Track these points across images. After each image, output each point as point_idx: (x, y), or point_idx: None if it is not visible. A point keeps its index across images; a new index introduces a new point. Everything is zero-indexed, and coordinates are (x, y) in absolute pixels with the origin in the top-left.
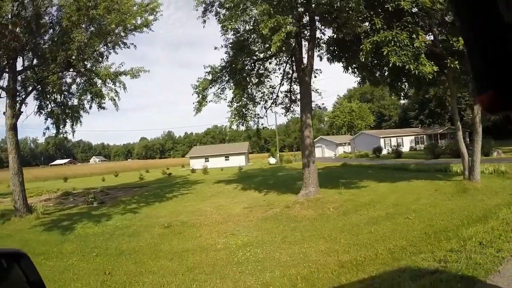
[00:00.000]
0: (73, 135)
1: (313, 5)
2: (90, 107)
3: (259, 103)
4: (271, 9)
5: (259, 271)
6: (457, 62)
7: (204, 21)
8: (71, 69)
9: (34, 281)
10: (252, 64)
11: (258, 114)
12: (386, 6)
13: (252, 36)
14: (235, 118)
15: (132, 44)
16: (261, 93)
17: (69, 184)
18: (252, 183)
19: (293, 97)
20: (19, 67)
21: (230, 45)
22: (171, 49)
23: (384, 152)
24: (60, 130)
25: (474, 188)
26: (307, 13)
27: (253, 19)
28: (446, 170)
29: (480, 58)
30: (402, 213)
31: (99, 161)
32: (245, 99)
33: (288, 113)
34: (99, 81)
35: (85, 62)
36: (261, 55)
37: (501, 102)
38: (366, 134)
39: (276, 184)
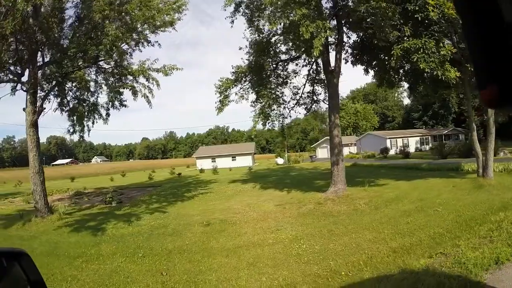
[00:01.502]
0: (88, 134)
1: (341, 12)
2: (113, 105)
3: (283, 104)
4: (311, 13)
5: (321, 261)
6: None
7: (232, 21)
8: (100, 65)
9: (35, 280)
10: (274, 65)
11: (282, 114)
12: (416, 15)
13: (276, 37)
14: (259, 117)
15: (157, 42)
16: (280, 93)
17: (76, 184)
18: (268, 182)
19: (315, 98)
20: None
21: (254, 46)
22: (172, 48)
23: (392, 152)
24: (83, 128)
25: (489, 184)
26: (334, 18)
27: (287, 20)
28: (458, 169)
29: (481, 55)
30: (429, 206)
31: (100, 161)
32: (269, 99)
33: (308, 113)
34: (130, 77)
35: (116, 58)
36: (284, 56)
37: (501, 96)
38: (372, 135)
39: (293, 183)
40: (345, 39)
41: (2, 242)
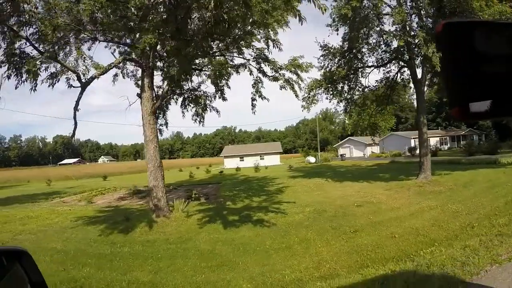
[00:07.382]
0: (200, 122)
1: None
2: (214, 97)
3: (366, 104)
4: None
5: (472, 212)
6: None
7: (337, 29)
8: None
9: (35, 280)
10: (355, 71)
11: (371, 112)
12: None
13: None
14: (353, 114)
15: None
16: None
17: (112, 182)
18: (333, 176)
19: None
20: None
21: (345, 53)
22: None
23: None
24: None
25: None
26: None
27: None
28: (495, 162)
29: (456, 79)
30: (500, 184)
31: (108, 161)
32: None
33: (379, 114)
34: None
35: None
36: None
37: (468, 113)
38: (395, 135)
39: (359, 177)
40: None
41: (141, 253)
